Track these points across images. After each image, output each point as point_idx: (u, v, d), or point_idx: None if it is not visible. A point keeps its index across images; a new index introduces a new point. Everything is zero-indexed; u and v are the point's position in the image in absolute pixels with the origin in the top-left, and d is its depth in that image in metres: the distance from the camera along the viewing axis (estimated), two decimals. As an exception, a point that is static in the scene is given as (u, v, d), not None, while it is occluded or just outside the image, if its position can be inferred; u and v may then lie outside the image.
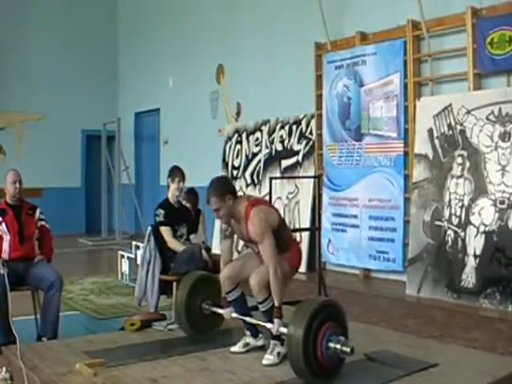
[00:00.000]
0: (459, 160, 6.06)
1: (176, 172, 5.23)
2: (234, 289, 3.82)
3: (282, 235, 3.70)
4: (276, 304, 3.54)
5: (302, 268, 7.37)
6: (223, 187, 3.72)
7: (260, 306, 3.67)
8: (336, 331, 3.26)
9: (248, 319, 3.79)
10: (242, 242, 8.50)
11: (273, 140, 8.75)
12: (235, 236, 3.94)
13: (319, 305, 3.31)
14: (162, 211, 5.02)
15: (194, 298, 4.04)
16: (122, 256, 7.20)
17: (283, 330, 3.43)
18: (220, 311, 3.98)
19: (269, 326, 3.56)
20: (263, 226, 3.59)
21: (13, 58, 11.92)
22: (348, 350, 3.21)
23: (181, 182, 5.17)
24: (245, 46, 9.48)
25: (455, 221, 6.00)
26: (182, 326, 4.10)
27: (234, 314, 3.87)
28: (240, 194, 3.86)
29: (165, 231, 4.98)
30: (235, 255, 8.19)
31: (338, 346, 3.21)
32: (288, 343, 3.26)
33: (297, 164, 8.27)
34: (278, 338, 3.66)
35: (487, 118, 5.82)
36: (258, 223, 3.58)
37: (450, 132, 6.16)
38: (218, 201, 3.65)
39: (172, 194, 5.18)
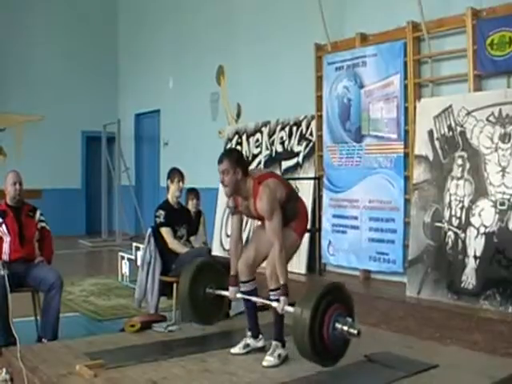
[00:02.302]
0: (459, 161, 6.06)
1: (175, 173, 5.25)
2: (250, 281, 3.86)
3: (290, 204, 3.74)
4: (282, 282, 3.55)
5: (302, 269, 7.38)
6: (239, 159, 3.78)
7: (271, 293, 3.69)
8: (343, 313, 3.25)
9: (254, 298, 3.78)
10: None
11: (273, 141, 8.75)
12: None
13: (327, 287, 3.31)
14: (162, 212, 5.03)
15: (197, 285, 4.01)
16: (122, 257, 7.21)
17: (289, 308, 3.44)
18: (225, 293, 3.97)
19: (275, 304, 3.56)
20: (271, 203, 3.62)
21: (13, 60, 11.92)
22: (355, 331, 3.21)
23: (180, 182, 5.18)
24: (245, 48, 9.48)
25: (455, 222, 6.00)
26: (187, 315, 4.08)
27: (239, 294, 3.87)
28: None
29: (165, 232, 4.99)
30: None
31: (345, 328, 3.21)
32: (294, 323, 3.24)
33: (297, 165, 8.27)
34: (280, 339, 3.67)
35: (487, 120, 5.82)
36: (266, 200, 3.62)
37: (450, 133, 6.16)
38: (229, 166, 3.69)
39: (172, 194, 5.19)
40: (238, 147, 9.43)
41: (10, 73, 11.87)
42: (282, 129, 8.63)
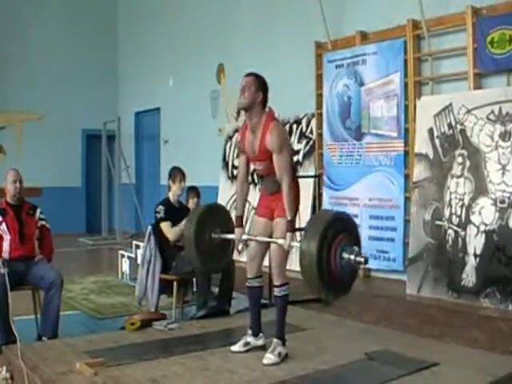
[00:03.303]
0: (459, 159, 6.06)
1: (176, 173, 5.22)
2: (257, 278, 3.85)
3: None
4: (289, 218, 3.53)
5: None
6: (265, 84, 3.77)
7: (276, 289, 3.71)
8: (349, 242, 3.25)
9: (259, 238, 3.75)
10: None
11: (273, 139, 8.73)
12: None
13: (332, 218, 3.30)
14: (162, 208, 5.04)
15: (203, 230, 3.94)
16: (123, 255, 7.20)
17: (295, 243, 3.43)
18: (230, 236, 3.95)
19: (281, 241, 3.54)
20: (282, 138, 3.64)
21: (13, 58, 11.91)
22: (362, 259, 3.20)
23: (182, 182, 5.17)
24: (245, 46, 9.47)
25: (455, 220, 6.00)
26: (194, 261, 4.04)
27: (245, 236, 3.86)
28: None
29: (165, 226, 4.97)
30: (235, 255, 8.15)
31: (352, 257, 3.21)
32: (301, 256, 3.23)
33: (297, 163, 8.26)
34: (281, 337, 3.67)
35: (487, 118, 5.82)
36: (278, 134, 3.63)
37: (451, 131, 6.16)
38: (253, 85, 3.71)
39: (173, 193, 5.18)
40: (238, 145, 9.43)
41: (9, 71, 11.86)
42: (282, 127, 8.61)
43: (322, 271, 3.15)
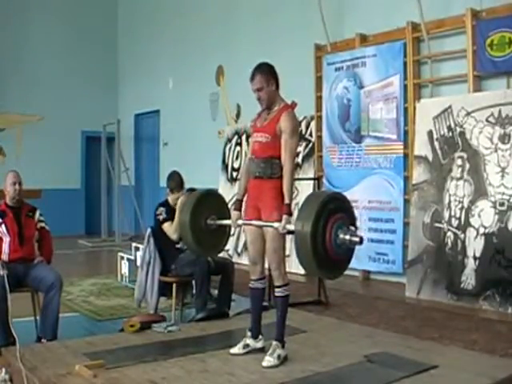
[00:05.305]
0: (459, 162, 6.07)
1: (172, 183, 5.15)
2: (260, 279, 3.85)
3: None
4: (286, 201, 3.53)
5: (302, 270, 7.36)
6: (270, 71, 3.80)
7: (277, 289, 3.71)
8: (345, 222, 3.24)
9: (255, 222, 3.72)
10: (240, 245, 8.51)
11: (272, 142, 8.72)
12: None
13: (326, 198, 3.29)
14: (163, 209, 5.02)
15: (199, 216, 3.92)
16: (122, 257, 7.20)
17: (290, 227, 3.42)
18: (226, 222, 3.93)
19: (276, 224, 3.52)
20: (297, 126, 3.79)
21: (12, 60, 11.91)
22: (357, 239, 3.21)
23: (180, 193, 5.13)
24: (244, 48, 9.48)
25: (455, 223, 6.00)
26: (190, 246, 4.04)
27: (240, 221, 3.83)
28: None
29: (167, 226, 4.96)
30: (235, 257, 8.17)
31: (348, 237, 3.21)
32: (296, 238, 3.22)
33: (296, 166, 8.25)
34: (281, 339, 3.67)
35: (487, 120, 5.83)
36: (294, 119, 3.75)
37: (450, 134, 6.17)
38: (263, 81, 3.73)
39: (172, 200, 5.16)
40: (237, 148, 9.44)
41: (9, 73, 11.85)
42: (282, 129, 8.60)
43: (317, 251, 3.14)
